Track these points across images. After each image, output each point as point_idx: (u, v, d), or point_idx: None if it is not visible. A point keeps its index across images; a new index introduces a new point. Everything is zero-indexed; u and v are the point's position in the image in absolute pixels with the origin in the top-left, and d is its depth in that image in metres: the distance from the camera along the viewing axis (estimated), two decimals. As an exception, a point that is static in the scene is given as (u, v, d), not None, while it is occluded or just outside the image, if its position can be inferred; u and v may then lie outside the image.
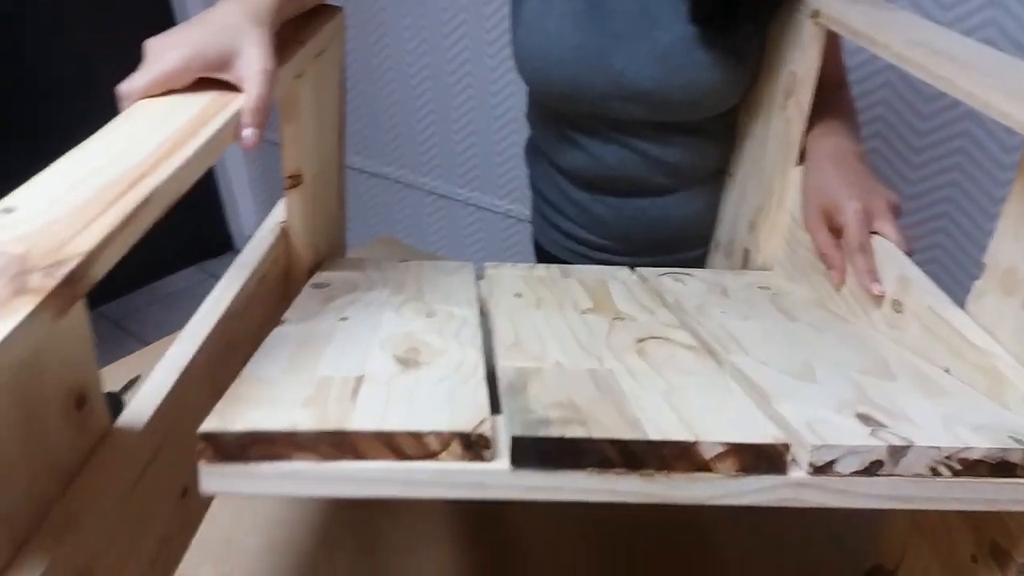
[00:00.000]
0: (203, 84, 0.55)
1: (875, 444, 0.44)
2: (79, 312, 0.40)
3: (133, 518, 0.45)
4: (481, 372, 0.51)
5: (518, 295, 0.70)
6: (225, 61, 0.54)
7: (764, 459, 0.44)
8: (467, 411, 0.45)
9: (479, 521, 0.79)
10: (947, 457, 0.44)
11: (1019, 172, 0.51)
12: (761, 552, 0.77)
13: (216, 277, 0.62)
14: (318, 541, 0.75)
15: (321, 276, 0.73)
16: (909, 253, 0.65)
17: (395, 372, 0.51)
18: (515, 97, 1.86)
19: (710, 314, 0.67)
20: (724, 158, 0.93)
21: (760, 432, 0.44)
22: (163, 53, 0.53)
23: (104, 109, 0.54)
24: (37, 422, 0.38)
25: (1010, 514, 0.48)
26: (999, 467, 0.44)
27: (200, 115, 0.51)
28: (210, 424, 0.42)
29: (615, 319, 0.64)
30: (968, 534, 0.52)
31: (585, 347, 0.57)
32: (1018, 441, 0.44)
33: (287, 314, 0.63)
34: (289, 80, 0.63)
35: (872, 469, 0.44)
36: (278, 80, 0.56)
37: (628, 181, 0.92)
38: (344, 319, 0.61)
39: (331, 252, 0.83)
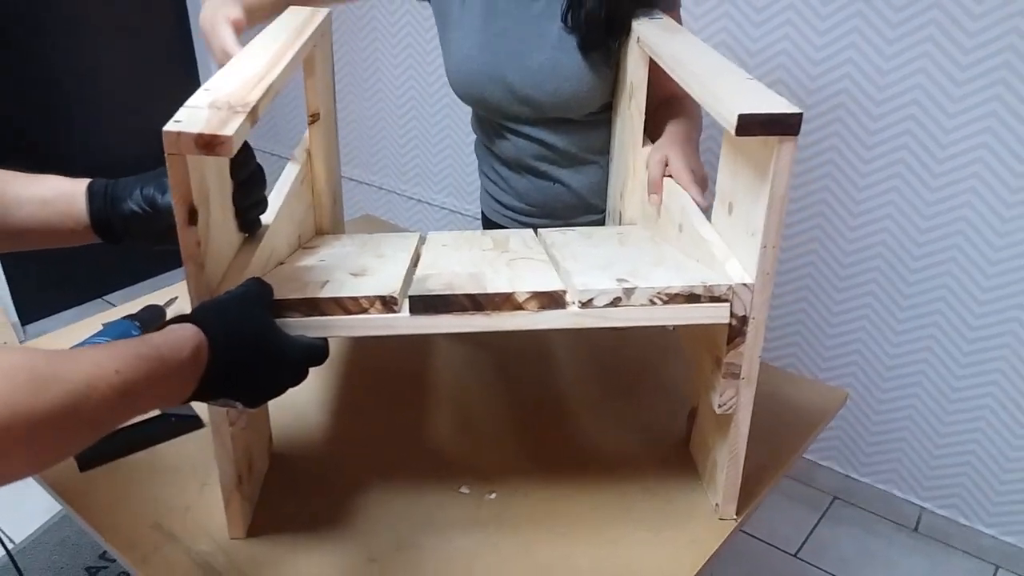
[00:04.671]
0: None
1: (615, 287, 0.76)
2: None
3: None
4: (401, 275, 0.84)
5: (444, 245, 1.03)
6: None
7: (553, 300, 0.76)
8: (386, 287, 0.78)
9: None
10: (657, 293, 0.76)
11: (724, 137, 0.84)
12: (611, 400, 1.10)
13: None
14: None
15: (310, 242, 1.07)
16: (704, 207, 0.97)
17: (349, 279, 0.84)
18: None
19: (569, 247, 0.99)
20: (605, 145, 1.26)
21: (552, 286, 0.77)
22: (215, 27, 0.92)
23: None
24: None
25: (717, 334, 0.80)
26: (690, 298, 0.77)
27: (278, 50, 0.88)
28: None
29: (502, 252, 0.97)
30: (707, 356, 0.84)
31: (475, 264, 0.90)
32: (703, 284, 0.77)
33: (285, 260, 0.96)
34: (310, 49, 1.01)
35: (615, 303, 0.76)
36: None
37: (535, 160, 1.26)
38: (322, 261, 0.95)
39: (333, 209, 1.18)
